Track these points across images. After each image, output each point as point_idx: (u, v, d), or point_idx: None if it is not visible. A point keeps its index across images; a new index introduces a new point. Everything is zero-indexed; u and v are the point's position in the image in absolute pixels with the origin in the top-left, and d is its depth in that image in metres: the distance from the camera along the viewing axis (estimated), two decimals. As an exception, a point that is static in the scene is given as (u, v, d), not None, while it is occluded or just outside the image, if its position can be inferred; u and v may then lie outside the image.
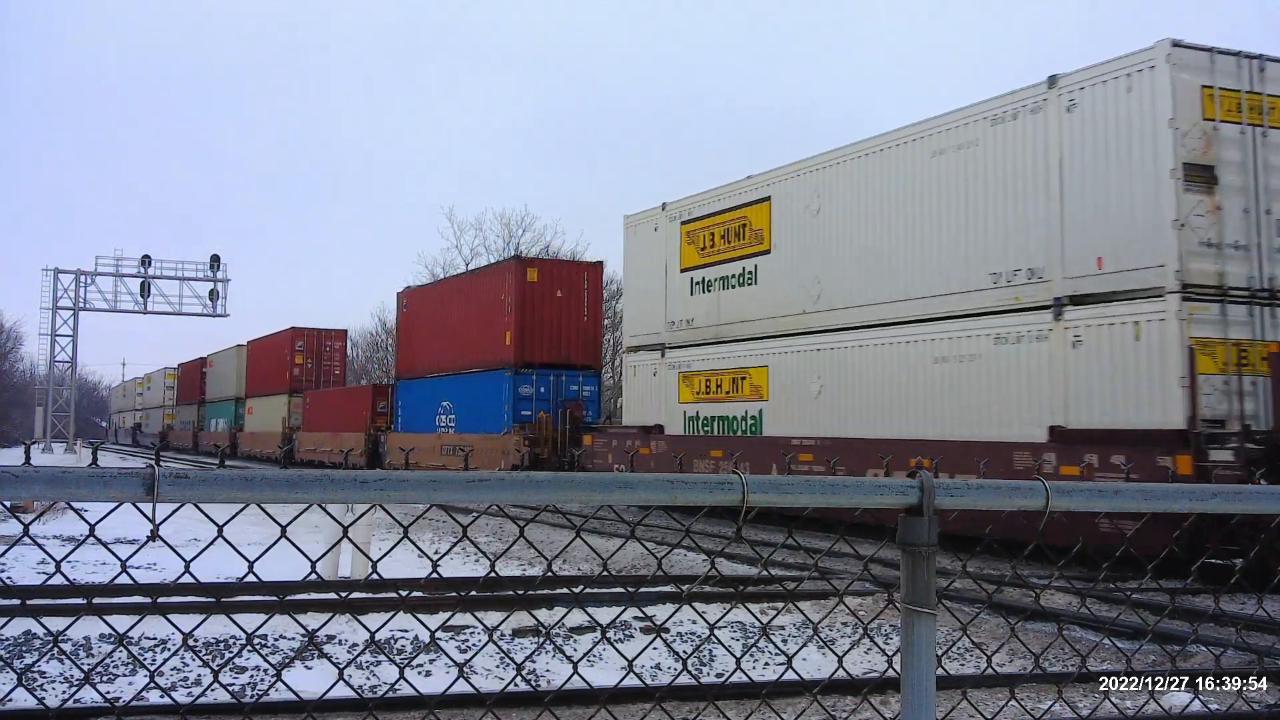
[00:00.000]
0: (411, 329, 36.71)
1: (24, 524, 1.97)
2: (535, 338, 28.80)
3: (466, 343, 31.36)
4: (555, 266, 30.69)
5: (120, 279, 58.59)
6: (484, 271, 32.68)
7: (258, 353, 54.50)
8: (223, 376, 59.91)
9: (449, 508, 2.15)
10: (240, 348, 56.74)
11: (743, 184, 20.75)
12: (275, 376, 50.54)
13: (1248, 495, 2.48)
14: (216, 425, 60.55)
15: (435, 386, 33.53)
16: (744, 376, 20.31)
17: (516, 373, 28.48)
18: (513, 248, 59.33)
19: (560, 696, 6.44)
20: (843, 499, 2.16)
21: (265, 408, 51.81)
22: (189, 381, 68.85)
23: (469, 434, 30.27)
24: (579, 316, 29.54)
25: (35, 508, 16.97)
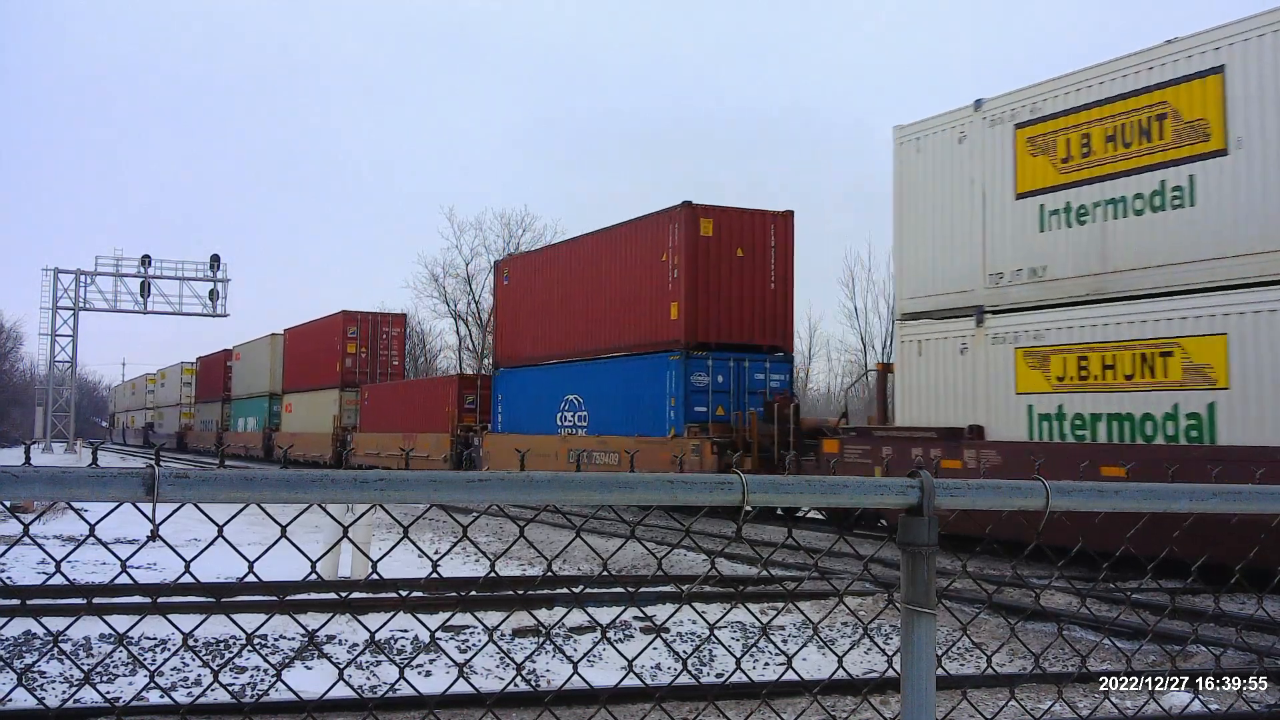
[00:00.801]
0: (518, 306, 29.68)
1: (24, 524, 1.97)
2: (711, 311, 22.29)
3: (607, 319, 24.89)
4: (734, 217, 22.82)
5: (120, 279, 58.65)
6: (636, 226, 24.32)
7: (299, 342, 47.94)
8: (252, 370, 53.77)
9: (449, 508, 2.15)
10: (275, 336, 50.45)
11: (1155, 53, 13.68)
12: (322, 368, 44.09)
13: (1248, 495, 2.48)
14: (245, 424, 54.13)
15: (555, 377, 27.01)
16: (1166, 352, 13.26)
17: (689, 357, 22.02)
18: (512, 248, 59.35)
19: (560, 696, 6.44)
20: (843, 499, 2.16)
21: (310, 404, 45.32)
22: (211, 377, 62.36)
23: (610, 436, 24.02)
24: (764, 282, 22.88)
25: (35, 508, 16.97)
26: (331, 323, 43.98)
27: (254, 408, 52.84)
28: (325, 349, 44.07)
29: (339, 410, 41.92)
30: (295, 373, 47.86)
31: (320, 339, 44.90)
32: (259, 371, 52.29)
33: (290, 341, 49.12)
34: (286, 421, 48.34)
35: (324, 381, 43.69)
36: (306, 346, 46.84)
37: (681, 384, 21.97)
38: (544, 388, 27.49)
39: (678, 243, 22.44)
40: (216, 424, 59.47)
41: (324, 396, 43.46)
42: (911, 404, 16.58)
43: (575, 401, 25.97)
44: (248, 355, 55.05)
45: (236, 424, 55.87)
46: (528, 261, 30.63)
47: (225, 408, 58.53)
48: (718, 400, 22.14)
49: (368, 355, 43.08)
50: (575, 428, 25.79)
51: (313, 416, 44.52)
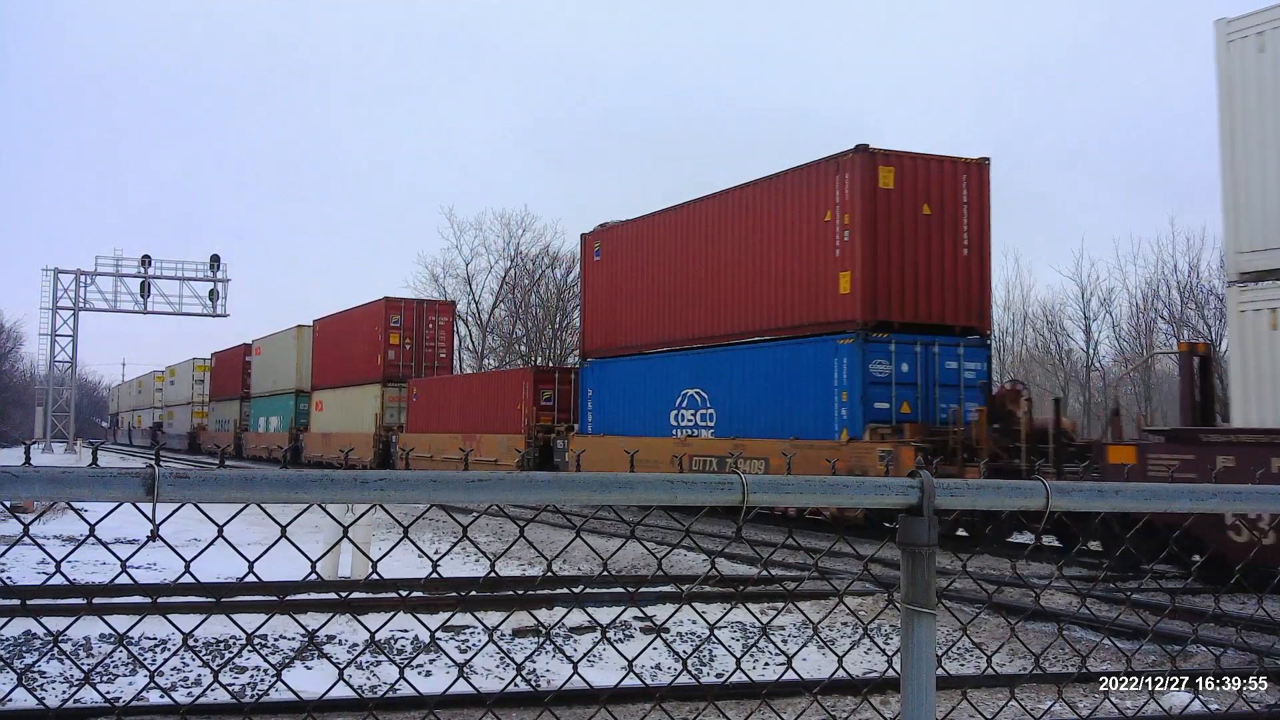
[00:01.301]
0: (614, 285, 24.98)
1: (24, 524, 1.97)
2: (893, 283, 17.82)
3: (745, 297, 20.49)
4: (920, 166, 18.15)
5: (120, 279, 58.67)
6: (785, 180, 19.57)
7: (332, 333, 42.82)
8: (276, 365, 49.03)
9: (449, 508, 2.15)
10: (302, 329, 45.56)
11: None
12: (361, 361, 39.33)
13: (1248, 495, 2.48)
14: (268, 424, 49.51)
15: (668, 368, 22.67)
16: None
17: (867, 339, 17.50)
18: (513, 248, 59.38)
19: (560, 696, 6.44)
20: (843, 499, 2.16)
21: (345, 402, 40.70)
22: (227, 373, 57.48)
23: (750, 439, 19.66)
24: (954, 247, 18.26)
25: (35, 508, 16.98)
26: (371, 311, 39.07)
27: (277, 406, 48.20)
28: (364, 340, 39.25)
29: (380, 408, 37.46)
30: (327, 367, 42.99)
31: (358, 330, 40.06)
32: (283, 367, 47.67)
33: (321, 333, 44.10)
34: (317, 421, 43.76)
35: (363, 376, 39.03)
36: (341, 338, 41.88)
37: (858, 374, 17.43)
38: (651, 381, 23.19)
39: (849, 197, 17.88)
40: (234, 424, 54.61)
41: (363, 393, 38.86)
42: (1264, 396, 12.08)
43: (697, 397, 21.57)
44: (270, 349, 50.50)
45: (256, 424, 51.40)
46: (627, 233, 24.82)
47: (244, 406, 53.83)
48: (902, 395, 17.64)
49: (412, 347, 38.29)
50: (697, 428, 21.52)
51: (349, 415, 40.00)
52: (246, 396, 53.49)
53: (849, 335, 17.72)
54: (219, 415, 59.65)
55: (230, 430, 54.92)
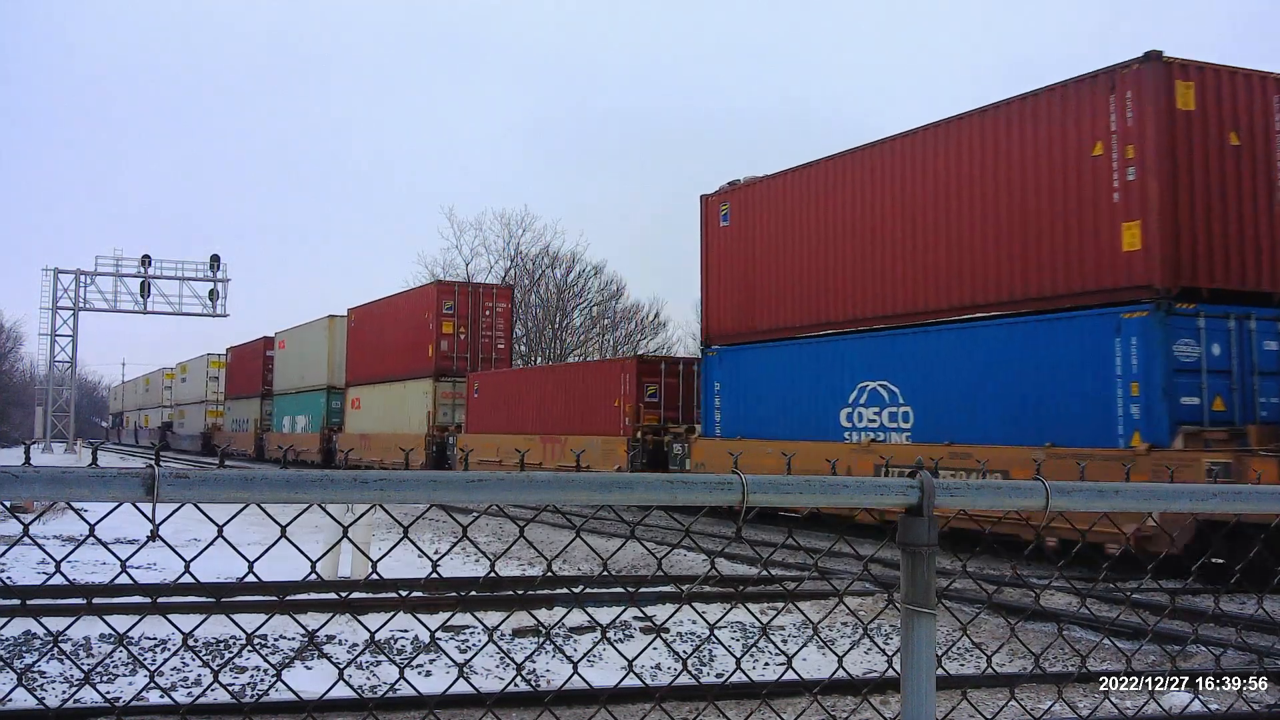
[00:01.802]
0: (749, 253, 20.72)
1: (24, 524, 1.97)
2: (1197, 236, 13.62)
3: (961, 261, 15.98)
4: (1224, 82, 13.91)
5: (120, 279, 58.61)
6: (1036, 101, 15.02)
7: (372, 323, 38.09)
8: (302, 359, 44.20)
9: (449, 508, 2.15)
10: (335, 319, 41.07)
11: None
12: (408, 354, 34.68)
13: (1247, 495, 2.48)
14: (294, 424, 44.40)
15: (839, 354, 18.20)
16: None
17: (1170, 313, 13.28)
18: (512, 248, 59.39)
19: (560, 696, 6.44)
20: (843, 499, 2.16)
21: (388, 399, 35.93)
22: (245, 369, 53.37)
23: (975, 445, 15.17)
24: (1270, 190, 14.14)
25: (35, 508, 16.97)
26: (419, 297, 34.64)
27: (306, 404, 43.12)
28: (411, 330, 34.56)
29: (433, 405, 32.74)
30: (366, 360, 38.15)
31: (404, 318, 35.27)
32: (312, 361, 42.72)
33: (358, 324, 39.12)
34: (353, 420, 38.87)
35: (411, 370, 34.18)
36: (383, 329, 36.93)
37: (1158, 359, 13.18)
38: (811, 373, 18.76)
39: (1135, 123, 13.68)
40: (254, 423, 50.02)
41: (410, 389, 34.11)
42: None
43: (882, 391, 17.24)
44: (296, 342, 45.51)
45: (280, 423, 46.68)
46: (770, 191, 20.25)
47: (265, 404, 49.35)
48: (1215, 387, 13.42)
49: (467, 337, 33.49)
50: (883, 430, 17.20)
51: (393, 413, 35.29)
52: (268, 394, 48.96)
53: (1141, 306, 13.43)
54: (236, 414, 55.10)
55: (250, 430, 50.42)
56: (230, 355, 57.70)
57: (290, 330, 47.42)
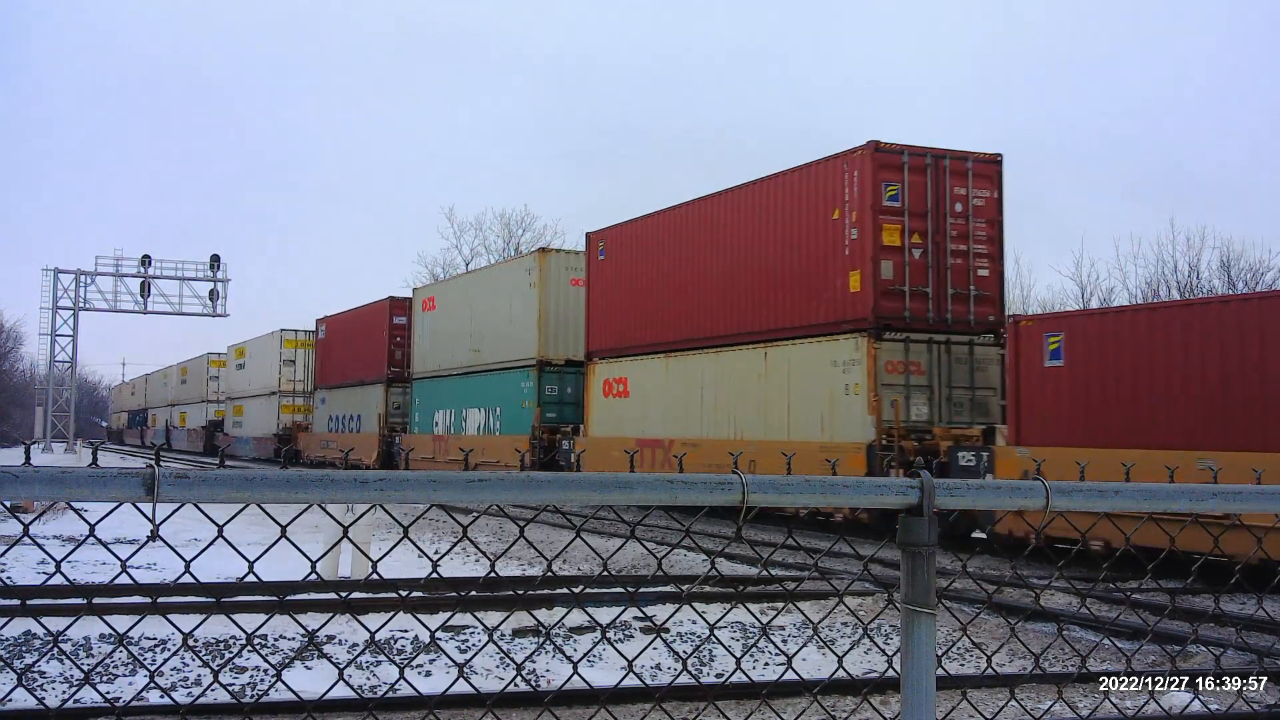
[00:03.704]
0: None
1: (24, 524, 1.97)
2: None
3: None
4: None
5: (120, 279, 58.60)
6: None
7: (668, 247, 22.28)
8: (487, 322, 28.86)
9: (449, 508, 2.15)
10: (549, 253, 27.17)
11: None
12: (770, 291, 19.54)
13: (1247, 495, 2.48)
14: (460, 423, 29.99)
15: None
16: None
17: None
18: (512, 248, 59.34)
19: (560, 696, 6.44)
20: (843, 499, 2.16)
21: (717, 372, 20.64)
22: (352, 347, 38.52)
23: None
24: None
25: (35, 508, 16.98)
26: (830, 170, 17.99)
27: (491, 389, 28.38)
28: (819, 246, 18.32)
29: (870, 382, 17.14)
30: (644, 317, 22.80)
31: (799, 222, 18.83)
32: (509, 323, 27.53)
33: (619, 254, 23.76)
34: (606, 413, 23.85)
35: (819, 319, 18.28)
36: (689, 257, 21.68)
37: None
38: None
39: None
40: (379, 420, 35.33)
41: (824, 351, 18.06)
42: None
43: None
44: (463, 298, 30.89)
45: (430, 419, 31.92)
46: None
47: (395, 394, 35.26)
48: None
49: (929, 257, 17.88)
50: None
51: (738, 397, 20.01)
52: (399, 378, 35.13)
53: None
54: (338, 408, 40.01)
55: (371, 430, 35.84)
56: (324, 329, 42.52)
57: (455, 279, 34.36)
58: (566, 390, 26.54)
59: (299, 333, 45.72)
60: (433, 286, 35.86)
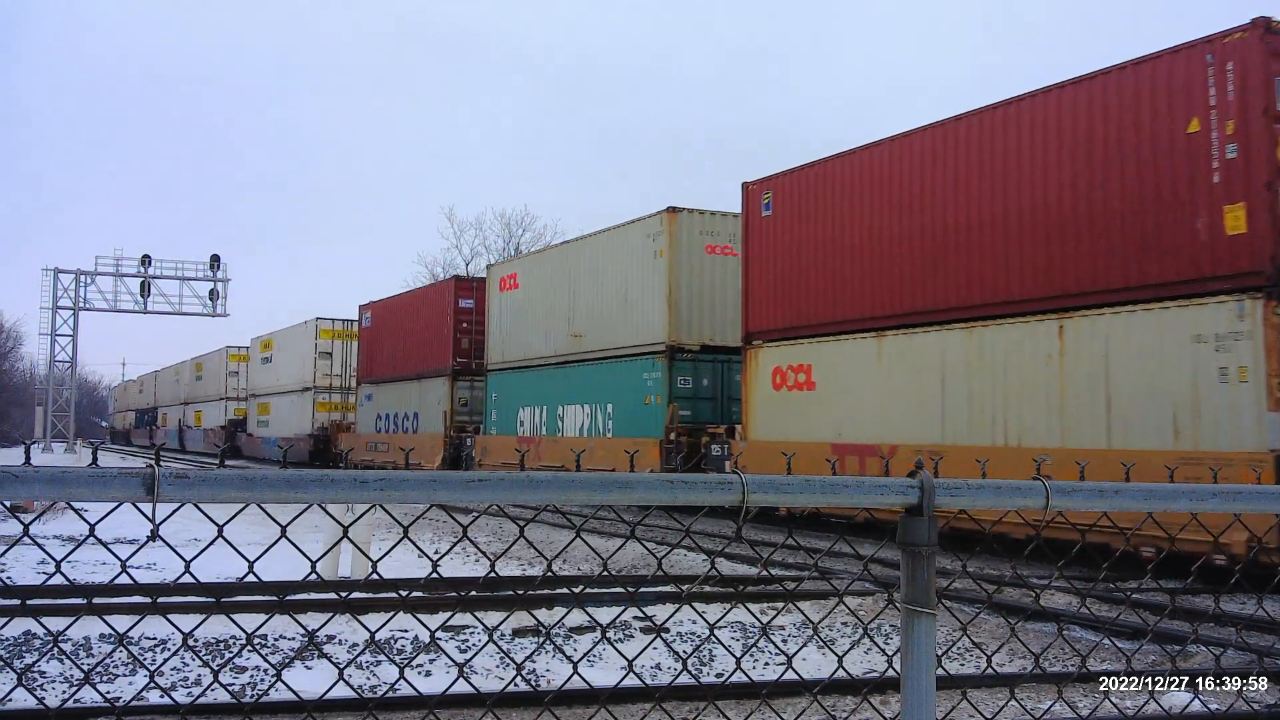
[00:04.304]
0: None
1: (24, 524, 1.97)
2: None
3: None
4: None
5: (120, 279, 58.62)
6: None
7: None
8: (594, 301, 24.36)
9: (449, 508, 2.15)
10: (681, 214, 22.01)
11: None
12: None
13: (1247, 495, 2.48)
14: (554, 422, 25.44)
15: None
16: None
17: None
18: (513, 248, 59.32)
19: (560, 696, 6.44)
20: (843, 499, 2.16)
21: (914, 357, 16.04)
22: (405, 336, 33.72)
23: None
24: None
25: (35, 508, 16.98)
26: (1183, 63, 12.90)
27: (601, 382, 23.69)
28: None
29: None
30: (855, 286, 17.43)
31: None
32: (620, 301, 23.21)
33: (825, 186, 18.06)
34: (783, 410, 18.56)
35: (1164, 275, 13.21)
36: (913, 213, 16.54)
37: None
38: None
39: None
40: (445, 418, 30.44)
41: None
42: None
43: None
44: (564, 270, 25.65)
45: (511, 417, 27.21)
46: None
47: (461, 388, 30.55)
48: None
49: None
50: None
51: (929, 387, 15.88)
52: (467, 370, 30.28)
53: None
54: (386, 405, 35.21)
55: (436, 431, 30.75)
56: (369, 316, 37.41)
57: (539, 255, 28.71)
58: (702, 382, 21.88)
59: (336, 321, 41.13)
60: (515, 261, 30.72)
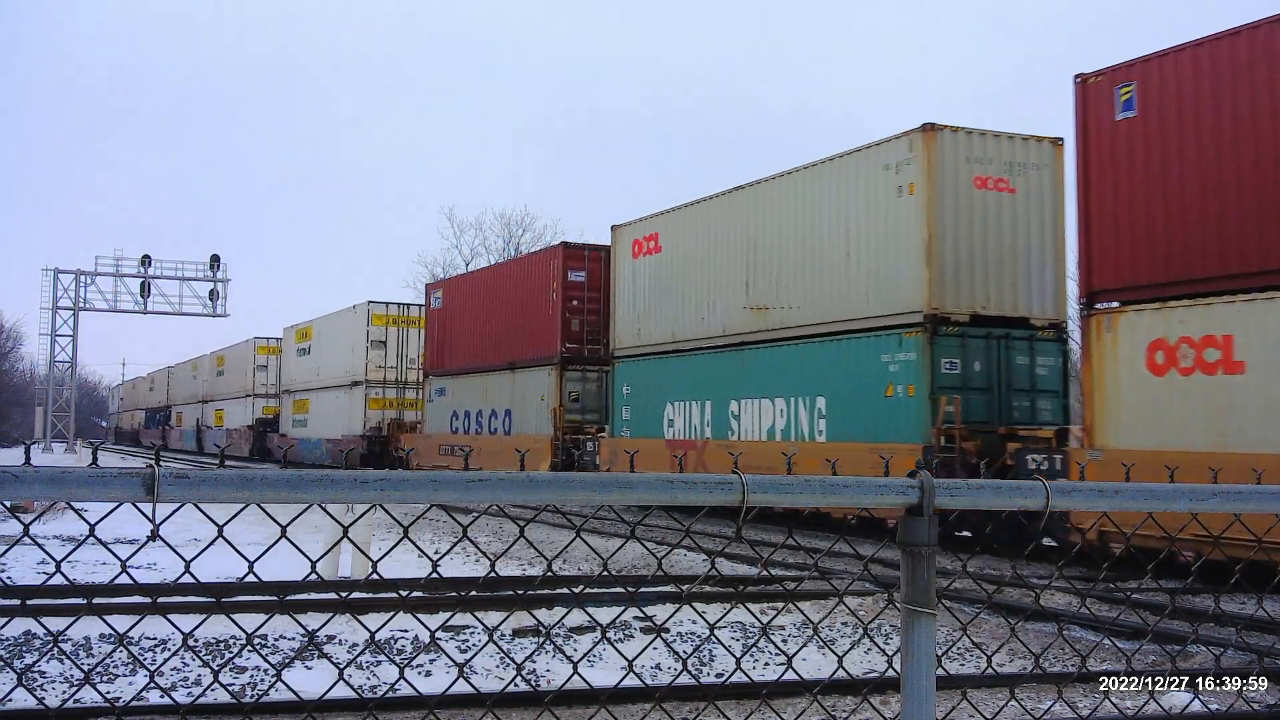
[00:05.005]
0: None
1: (24, 524, 1.97)
2: None
3: None
4: None
5: (120, 279, 58.60)
6: None
7: None
8: (762, 266, 19.22)
9: (449, 508, 2.15)
10: (944, 132, 15.87)
11: None
12: None
13: (1247, 495, 2.48)
14: (726, 421, 19.90)
15: None
16: None
17: None
18: (513, 248, 59.30)
19: (560, 696, 6.44)
20: (843, 499, 2.16)
21: None
22: (491, 318, 28.43)
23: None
24: None
25: (35, 508, 16.97)
26: None
27: (814, 366, 17.97)
28: None
29: None
30: None
31: None
32: (833, 255, 17.72)
33: None
34: (1226, 405, 11.56)
35: None
36: None
37: None
38: None
39: None
40: (552, 416, 25.14)
41: None
42: None
43: None
44: (742, 215, 19.97)
45: (655, 418, 22.07)
46: None
47: (572, 380, 25.43)
48: None
49: None
50: None
51: None
52: (580, 357, 25.57)
53: None
54: (464, 401, 29.58)
55: (541, 430, 25.46)
56: (440, 296, 32.03)
57: (696, 207, 21.38)
58: (973, 366, 15.72)
59: (391, 305, 36.50)
60: (654, 218, 22.80)
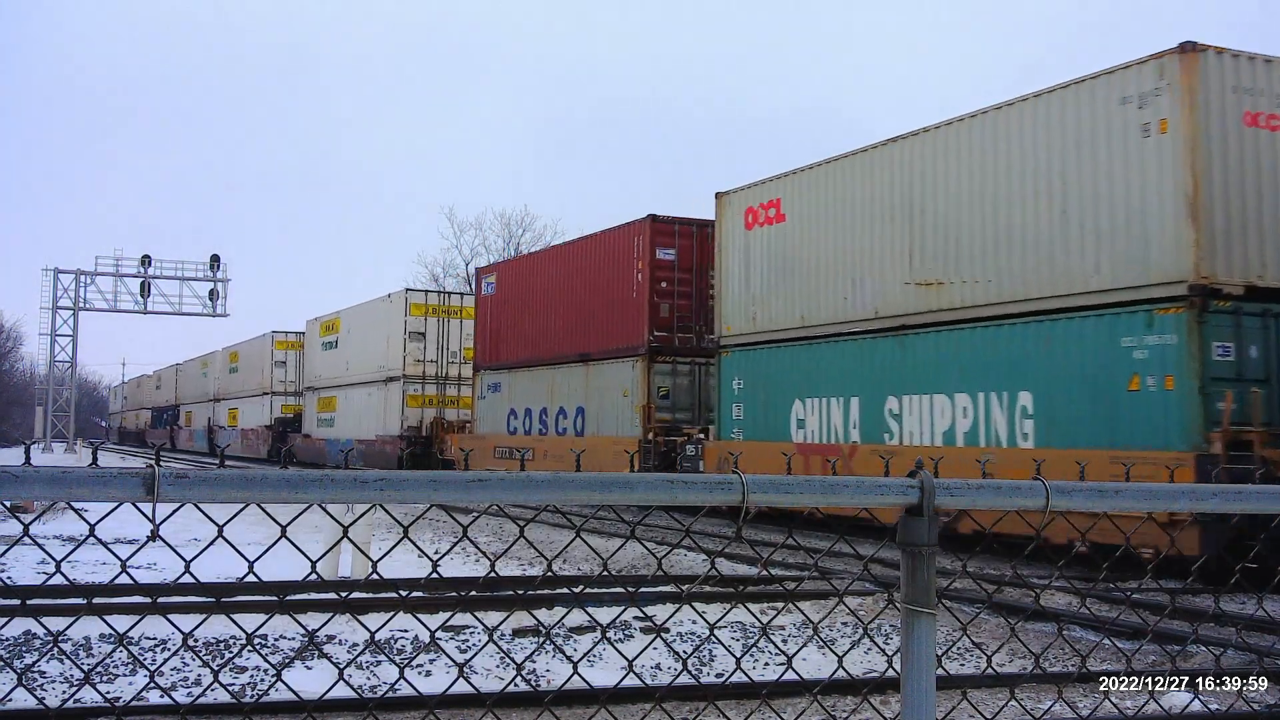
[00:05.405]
0: None
1: (24, 524, 1.97)
2: None
3: None
4: None
5: (120, 279, 58.62)
6: None
7: None
8: (938, 231, 15.54)
9: (449, 508, 2.15)
10: (1208, 55, 12.34)
11: None
12: None
13: (1248, 495, 2.48)
14: (879, 420, 16.51)
15: None
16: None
17: None
18: (513, 248, 59.31)
19: (560, 696, 6.44)
20: (843, 499, 2.16)
21: None
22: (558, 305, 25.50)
23: None
24: None
25: (35, 508, 16.97)
26: None
27: (1024, 352, 14.22)
28: None
29: None
30: None
31: None
32: (1047, 210, 13.97)
33: None
34: None
35: None
36: None
37: None
38: None
39: None
40: (643, 414, 22.22)
41: None
42: None
43: None
44: (902, 164, 16.36)
45: (776, 418, 18.88)
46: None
47: (660, 374, 22.68)
48: None
49: None
50: None
51: None
52: (669, 347, 22.59)
53: None
54: (523, 398, 26.74)
55: (624, 431, 22.67)
56: (493, 281, 29.02)
57: (826, 166, 18.18)
58: (1248, 353, 12.70)
59: (431, 294, 33.45)
60: (774, 182, 19.39)
